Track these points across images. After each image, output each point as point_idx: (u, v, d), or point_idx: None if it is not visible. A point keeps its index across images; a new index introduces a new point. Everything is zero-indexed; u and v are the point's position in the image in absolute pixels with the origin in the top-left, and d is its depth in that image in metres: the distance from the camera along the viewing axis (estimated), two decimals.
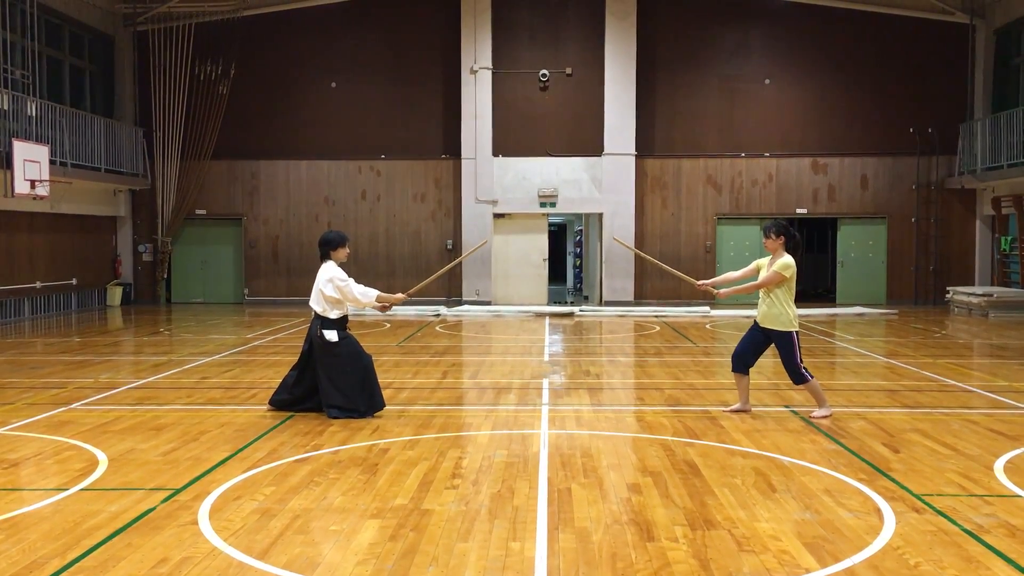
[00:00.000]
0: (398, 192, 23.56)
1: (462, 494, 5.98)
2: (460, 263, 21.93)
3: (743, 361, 8.64)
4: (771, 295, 8.38)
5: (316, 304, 8.47)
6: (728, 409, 8.84)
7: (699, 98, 23.26)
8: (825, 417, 8.43)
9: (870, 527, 5.28)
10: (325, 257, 8.61)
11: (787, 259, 8.42)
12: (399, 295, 8.88)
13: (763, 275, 8.47)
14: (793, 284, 8.44)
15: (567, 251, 32.48)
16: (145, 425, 8.19)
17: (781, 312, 8.36)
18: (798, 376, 8.37)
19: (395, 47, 23.40)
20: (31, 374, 11.36)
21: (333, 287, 8.36)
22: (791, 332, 8.35)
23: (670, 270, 9.92)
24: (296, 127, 23.53)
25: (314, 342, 8.49)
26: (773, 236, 8.50)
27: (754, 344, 8.60)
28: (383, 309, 8.83)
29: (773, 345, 8.50)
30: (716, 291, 8.94)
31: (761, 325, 8.49)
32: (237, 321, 19.25)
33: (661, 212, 23.30)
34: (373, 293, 8.53)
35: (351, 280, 8.48)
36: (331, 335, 8.40)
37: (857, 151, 23.13)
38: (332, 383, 8.42)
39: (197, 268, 24.05)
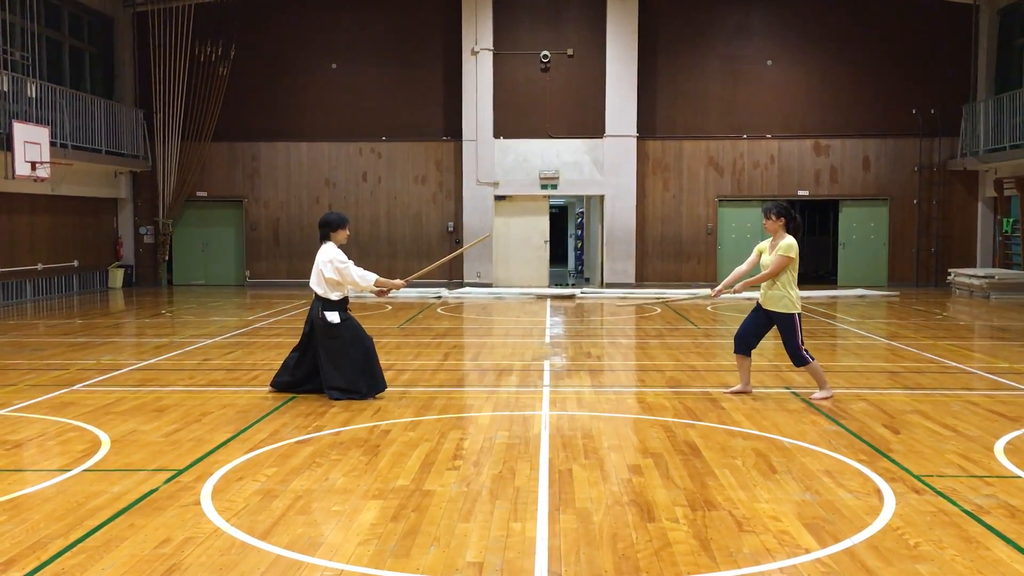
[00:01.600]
0: (399, 174, 23.51)
1: (463, 475, 6.00)
2: (460, 254, 21.90)
3: (745, 342, 8.65)
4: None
5: (317, 286, 8.48)
6: (729, 390, 8.86)
7: (701, 79, 23.16)
8: (826, 399, 8.45)
9: (870, 508, 5.29)
10: (325, 239, 8.59)
11: (789, 240, 8.42)
12: (398, 281, 8.88)
13: (767, 260, 8.45)
14: (796, 266, 8.44)
15: (568, 233, 32.43)
16: (147, 406, 8.21)
17: (784, 294, 8.38)
18: (799, 358, 8.38)
19: (396, 28, 23.30)
20: (33, 356, 11.38)
21: (332, 268, 8.36)
22: (793, 314, 8.37)
23: (687, 294, 9.92)
24: (297, 109, 23.47)
25: (315, 324, 8.49)
26: (773, 217, 8.49)
27: (756, 326, 8.61)
28: (381, 294, 8.83)
29: (775, 327, 8.50)
30: (731, 291, 8.89)
31: (764, 307, 8.49)
32: (238, 303, 19.27)
33: (662, 194, 23.25)
34: (372, 277, 8.53)
35: (351, 262, 8.47)
36: (332, 317, 8.41)
37: (859, 133, 23.06)
38: (333, 365, 8.43)
39: (198, 250, 24.05)
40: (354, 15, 23.36)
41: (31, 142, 17.10)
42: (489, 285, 22.58)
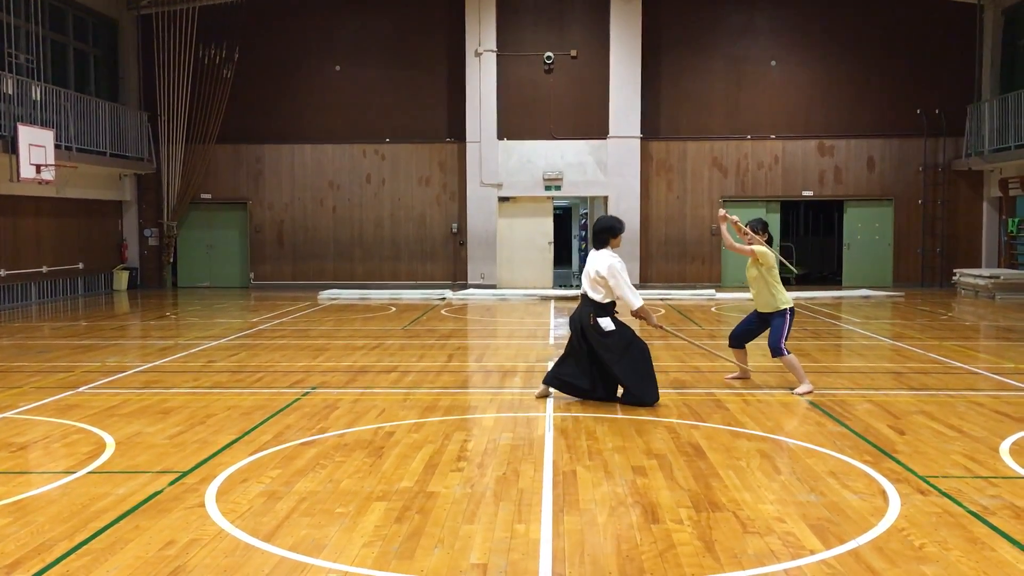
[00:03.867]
0: (403, 176, 23.53)
1: (467, 477, 6.00)
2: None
3: (739, 340, 9.38)
4: (758, 284, 8.98)
5: (593, 291, 8.26)
6: (730, 376, 9.51)
7: (705, 80, 23.15)
8: (807, 393, 8.67)
9: (875, 509, 5.28)
10: (604, 244, 8.34)
11: (761, 248, 9.09)
12: (655, 320, 8.55)
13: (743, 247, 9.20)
14: (776, 273, 8.99)
15: (572, 234, 32.41)
16: (152, 408, 8.22)
17: (771, 297, 8.93)
18: (776, 349, 8.80)
19: (399, 30, 23.32)
20: (38, 358, 11.41)
21: (609, 272, 8.12)
22: (785, 309, 8.88)
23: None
24: (300, 111, 23.49)
25: (586, 329, 8.25)
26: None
27: (750, 326, 9.27)
28: (639, 317, 8.45)
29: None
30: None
31: (761, 311, 9.07)
32: (243, 305, 19.29)
33: (666, 195, 23.24)
34: (640, 302, 8.28)
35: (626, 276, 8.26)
36: (606, 323, 8.20)
37: (864, 133, 23.03)
38: (621, 368, 8.21)
39: (203, 252, 24.08)
40: (358, 17, 23.39)
41: (36, 145, 17.14)
42: (493, 286, 22.58)
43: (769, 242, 9.34)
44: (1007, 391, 8.98)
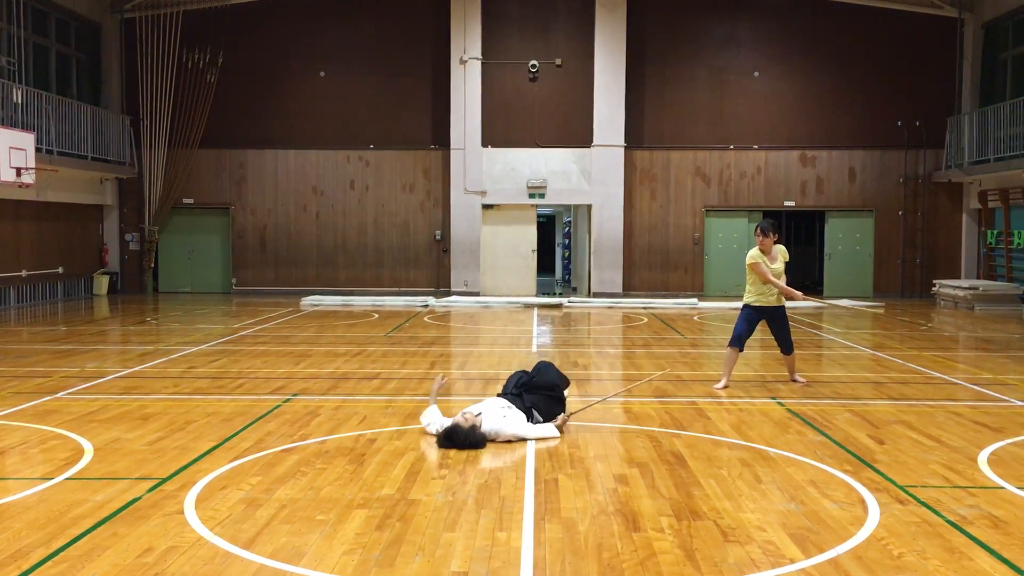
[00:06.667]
0: (387, 182, 23.50)
1: (449, 484, 5.99)
2: None
3: (743, 341, 9.85)
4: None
5: None
6: (718, 386, 9.64)
7: (688, 90, 23.25)
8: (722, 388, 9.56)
9: (854, 518, 5.31)
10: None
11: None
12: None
13: (778, 268, 9.78)
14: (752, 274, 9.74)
15: (556, 242, 32.46)
16: (131, 414, 8.16)
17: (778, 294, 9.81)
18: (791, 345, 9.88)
19: (385, 37, 23.31)
20: (16, 363, 11.30)
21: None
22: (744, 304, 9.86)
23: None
24: (284, 116, 23.42)
25: None
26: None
27: (751, 325, 9.94)
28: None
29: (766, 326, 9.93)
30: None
31: (773, 307, 9.80)
32: (224, 311, 19.19)
33: (650, 204, 23.31)
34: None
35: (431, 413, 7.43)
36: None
37: (845, 144, 23.19)
38: None
39: (184, 257, 23.95)
40: (343, 23, 23.36)
41: (16, 148, 16.99)
42: (476, 294, 22.57)
43: (777, 241, 9.92)
44: (986, 401, 9.05)
